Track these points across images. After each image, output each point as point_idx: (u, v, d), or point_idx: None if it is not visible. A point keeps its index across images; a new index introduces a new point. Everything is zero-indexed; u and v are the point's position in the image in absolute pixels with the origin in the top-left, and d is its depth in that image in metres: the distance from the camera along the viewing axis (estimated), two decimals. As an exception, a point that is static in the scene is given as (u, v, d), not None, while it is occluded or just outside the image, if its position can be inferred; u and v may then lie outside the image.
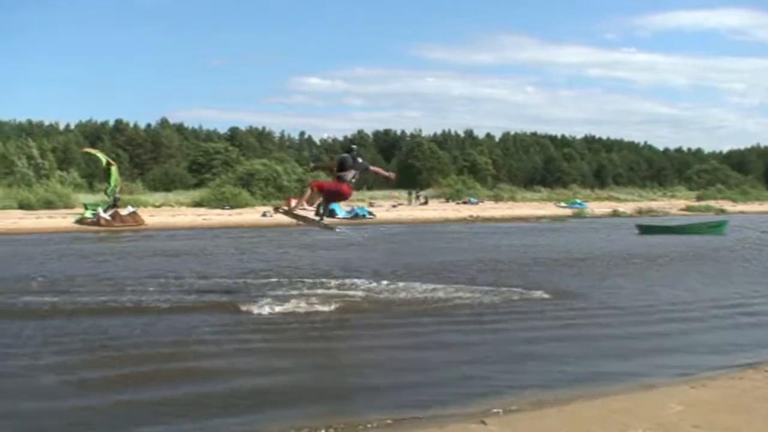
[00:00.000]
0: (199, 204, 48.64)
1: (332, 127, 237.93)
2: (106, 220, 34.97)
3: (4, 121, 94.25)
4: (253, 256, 21.73)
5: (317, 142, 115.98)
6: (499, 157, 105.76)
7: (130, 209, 37.43)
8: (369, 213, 45.93)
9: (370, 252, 24.29)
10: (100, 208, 36.03)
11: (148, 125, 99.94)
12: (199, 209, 46.08)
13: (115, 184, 38.44)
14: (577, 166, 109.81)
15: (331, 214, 42.07)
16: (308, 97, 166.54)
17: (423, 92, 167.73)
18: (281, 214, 14.98)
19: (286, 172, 57.09)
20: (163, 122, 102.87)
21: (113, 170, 38.81)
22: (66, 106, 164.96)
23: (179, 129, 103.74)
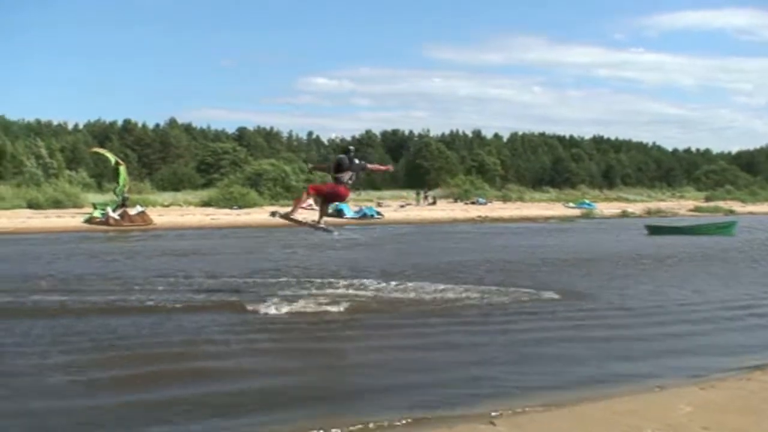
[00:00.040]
0: (207, 204, 48.71)
1: (340, 127, 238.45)
2: (115, 219, 35.06)
3: (13, 121, 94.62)
4: (262, 256, 21.75)
5: (325, 142, 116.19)
6: (507, 158, 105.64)
7: (139, 209, 37.49)
8: (377, 213, 45.97)
9: (379, 252, 24.29)
10: (109, 208, 36.13)
11: (157, 125, 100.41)
12: (207, 209, 46.16)
13: (124, 184, 38.56)
14: (586, 167, 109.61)
15: (340, 214, 42.62)
16: (316, 97, 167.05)
17: (430, 92, 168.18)
18: (280, 219, 15.01)
19: (294, 172, 57.10)
20: (172, 122, 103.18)
21: (122, 170, 38.93)
22: (74, 106, 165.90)
23: (187, 129, 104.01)
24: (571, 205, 64.15)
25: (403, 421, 7.04)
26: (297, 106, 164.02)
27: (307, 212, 14.90)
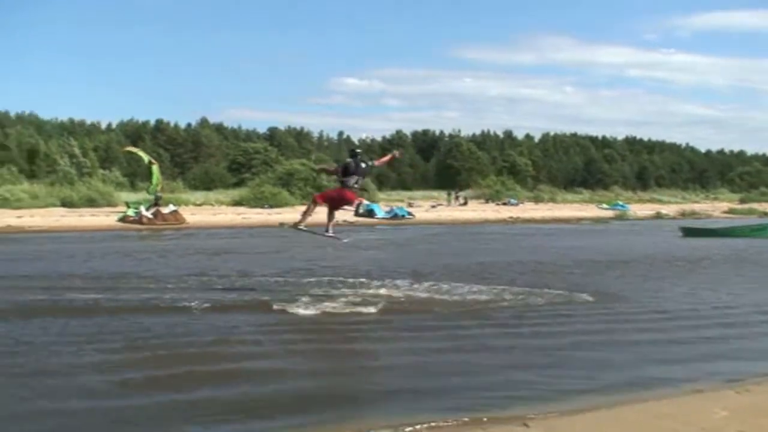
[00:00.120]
0: (238, 203, 49.02)
1: (370, 127, 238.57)
2: (148, 218, 35.40)
3: (46, 120, 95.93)
4: (293, 255, 21.81)
5: (356, 142, 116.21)
6: (538, 158, 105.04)
7: (172, 208, 37.85)
8: (408, 213, 45.93)
9: (410, 252, 24.28)
10: (142, 207, 36.48)
11: (189, 125, 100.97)
12: (238, 208, 46.46)
13: (157, 183, 38.92)
14: (619, 168, 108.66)
15: (371, 214, 42.58)
16: (346, 98, 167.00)
17: (461, 93, 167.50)
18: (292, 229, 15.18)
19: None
20: (203, 122, 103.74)
21: (154, 169, 39.28)
22: (107, 106, 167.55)
23: (219, 129, 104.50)
24: (605, 206, 63.72)
25: (436, 424, 6.99)
26: (328, 107, 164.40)
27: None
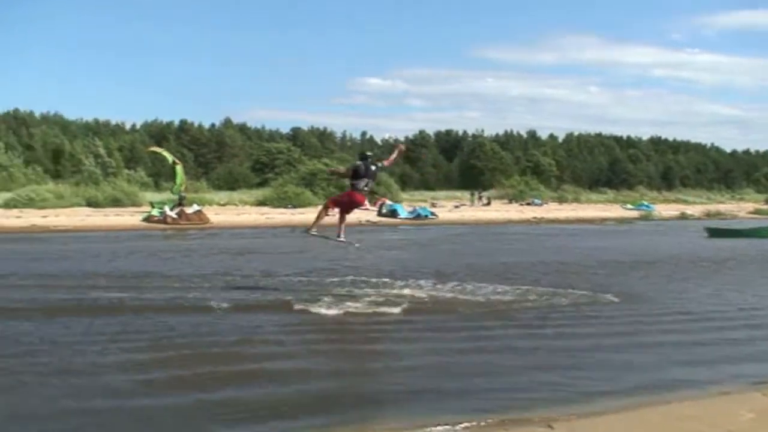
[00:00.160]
0: (262, 203, 49.19)
1: (393, 127, 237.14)
2: (173, 218, 35.59)
3: (71, 120, 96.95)
4: (315, 255, 21.78)
5: (378, 142, 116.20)
6: (562, 158, 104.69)
7: (196, 207, 38.02)
8: (431, 213, 45.86)
9: (433, 252, 24.22)
10: (166, 207, 36.69)
11: (212, 125, 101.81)
12: (262, 208, 46.60)
13: (181, 183, 39.15)
14: (644, 168, 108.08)
15: (394, 214, 42.54)
16: (369, 98, 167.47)
17: (483, 93, 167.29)
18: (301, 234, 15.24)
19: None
20: (227, 122, 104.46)
21: (178, 169, 39.50)
22: (132, 107, 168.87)
23: (242, 129, 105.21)
24: (629, 206, 63.32)
25: (460, 425, 6.93)
26: (351, 107, 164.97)
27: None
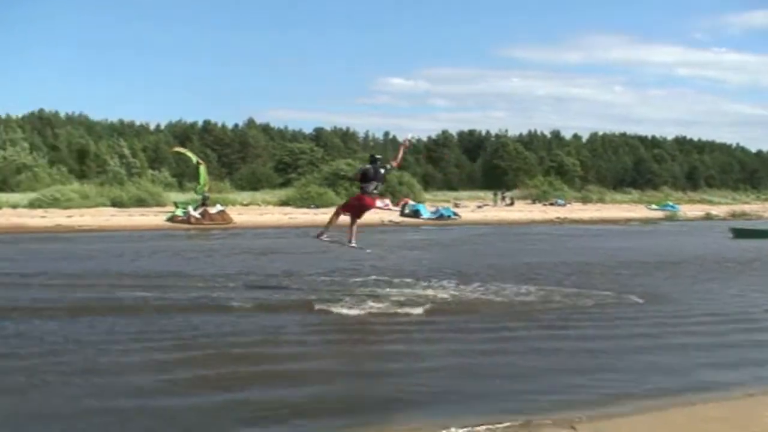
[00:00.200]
0: (285, 203, 49.29)
1: (417, 127, 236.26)
2: (196, 218, 35.74)
3: (96, 121, 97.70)
4: (338, 255, 21.76)
5: (401, 142, 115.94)
6: (587, 158, 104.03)
7: (219, 208, 38.16)
8: (454, 214, 45.76)
9: (456, 253, 24.15)
10: (190, 207, 36.85)
11: (236, 125, 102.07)
12: (285, 208, 46.69)
13: (204, 183, 39.28)
14: (668, 168, 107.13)
15: (416, 214, 42.50)
16: (392, 98, 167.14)
17: (508, 92, 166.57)
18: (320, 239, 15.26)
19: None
20: (250, 122, 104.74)
21: (202, 169, 39.67)
22: (156, 107, 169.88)
23: (265, 129, 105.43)
24: (654, 207, 62.83)
25: (483, 427, 6.89)
26: (374, 107, 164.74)
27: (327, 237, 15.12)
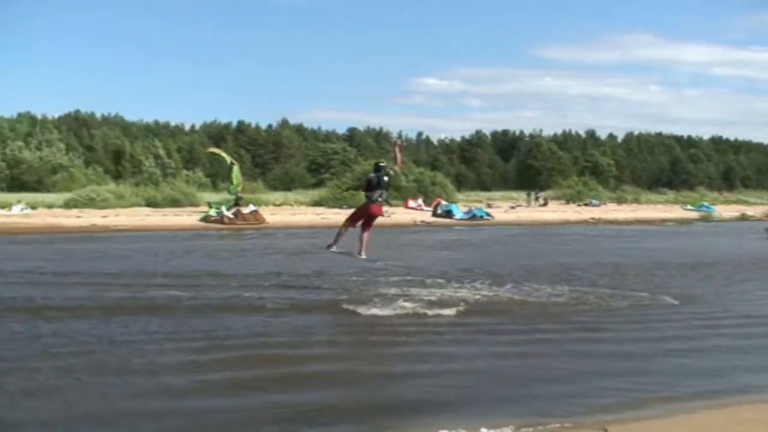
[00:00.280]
0: (318, 203, 49.36)
1: (450, 127, 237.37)
2: (229, 218, 35.93)
3: (132, 122, 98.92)
4: (370, 255, 21.78)
5: (434, 142, 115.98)
6: (622, 158, 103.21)
7: (252, 208, 38.35)
8: (487, 214, 45.57)
9: (488, 253, 24.04)
10: (223, 207, 37.07)
11: (269, 126, 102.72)
12: (317, 208, 46.76)
13: (237, 183, 39.47)
14: (704, 168, 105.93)
15: (449, 215, 42.45)
16: (426, 98, 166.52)
17: (542, 92, 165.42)
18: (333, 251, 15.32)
19: (403, 172, 57.25)
20: (284, 123, 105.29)
21: (235, 169, 39.86)
22: (191, 108, 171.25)
23: (299, 129, 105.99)
24: (689, 207, 62.06)
25: (514, 429, 6.88)
26: (408, 107, 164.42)
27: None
